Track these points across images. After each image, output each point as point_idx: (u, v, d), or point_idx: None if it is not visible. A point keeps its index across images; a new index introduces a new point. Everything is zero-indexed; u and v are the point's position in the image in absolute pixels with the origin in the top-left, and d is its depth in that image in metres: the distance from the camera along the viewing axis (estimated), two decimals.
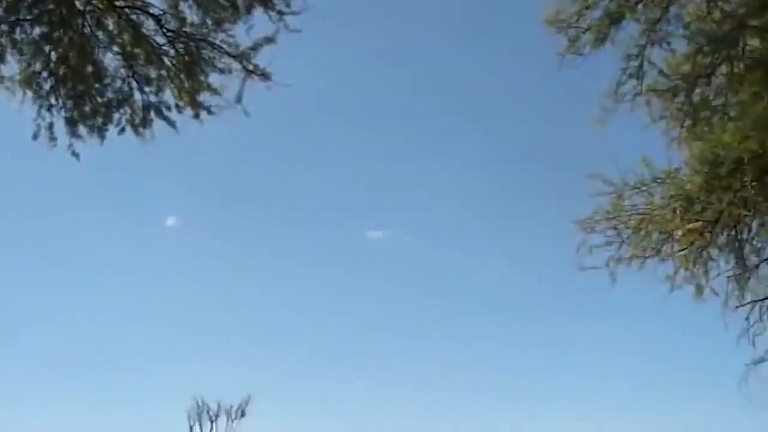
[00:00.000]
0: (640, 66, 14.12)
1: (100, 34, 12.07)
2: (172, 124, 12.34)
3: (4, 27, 11.85)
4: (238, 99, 12.25)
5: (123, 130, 12.24)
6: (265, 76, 12.20)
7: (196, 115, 12.32)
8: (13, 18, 11.76)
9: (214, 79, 12.29)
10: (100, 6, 11.81)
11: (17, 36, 11.94)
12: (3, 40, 11.91)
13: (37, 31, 11.96)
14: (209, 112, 12.34)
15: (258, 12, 11.73)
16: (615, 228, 15.60)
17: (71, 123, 12.20)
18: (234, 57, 12.12)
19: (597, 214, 15.54)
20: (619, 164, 15.37)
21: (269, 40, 11.92)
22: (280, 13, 11.43)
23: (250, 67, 12.13)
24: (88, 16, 11.90)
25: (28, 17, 11.81)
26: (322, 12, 12.09)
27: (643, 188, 15.41)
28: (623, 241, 15.66)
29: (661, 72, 14.27)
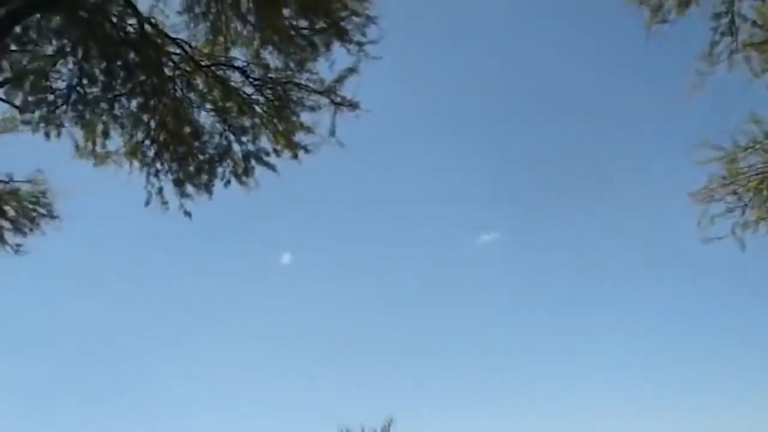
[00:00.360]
0: (731, 22, 13.85)
1: (191, 95, 12.87)
2: (272, 168, 12.95)
3: (104, 105, 12.80)
4: (332, 132, 12.75)
5: (228, 182, 12.96)
6: (353, 105, 12.66)
7: (295, 156, 12.90)
8: (110, 95, 12.70)
9: (305, 117, 12.89)
10: (188, 69, 12.56)
11: (117, 111, 12.89)
12: (105, 117, 12.89)
13: (134, 103, 12.86)
14: (306, 150, 12.90)
15: (337, 46, 12.21)
16: (734, 193, 15.33)
17: (179, 184, 13.00)
18: (321, 93, 12.64)
19: (712, 182, 15.31)
20: (722, 130, 15.09)
21: (352, 70, 12.37)
22: (359, 44, 11.85)
23: (338, 100, 12.62)
24: (178, 81, 12.69)
25: (123, 92, 12.73)
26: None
27: (757, 146, 15.09)
28: (746, 205, 15.37)
29: (754, 24, 13.97)
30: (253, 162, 12.96)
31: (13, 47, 11.90)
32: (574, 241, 34.07)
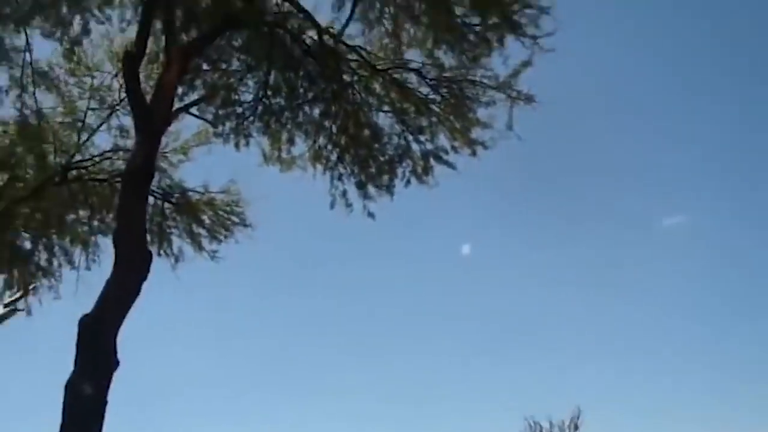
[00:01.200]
0: None
1: (370, 98, 13.92)
2: (451, 166, 13.74)
3: (288, 114, 14.11)
4: (509, 126, 13.38)
5: (408, 182, 13.89)
6: (529, 99, 13.23)
7: (473, 153, 13.67)
8: (294, 104, 14.01)
9: (481, 113, 13.57)
10: (365, 74, 13.60)
11: (300, 119, 14.18)
12: (289, 125, 14.22)
13: (316, 110, 14.10)
14: (484, 146, 13.62)
15: (511, 40, 12.81)
16: None
17: (361, 186, 14.08)
18: (496, 88, 13.32)
19: None
20: None
21: (527, 63, 12.91)
22: (533, 37, 12.40)
23: (514, 94, 13.23)
24: (356, 86, 13.76)
25: (305, 100, 14.00)
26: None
27: None
28: None
29: None
30: (432, 161, 13.81)
31: (205, 66, 13.41)
32: None
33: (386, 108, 13.87)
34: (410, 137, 13.85)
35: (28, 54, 12.06)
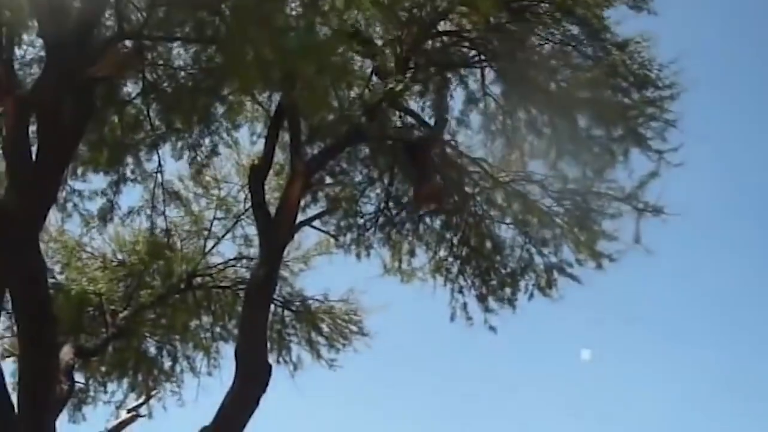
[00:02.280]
0: None
1: (491, 210, 14.09)
2: (576, 279, 13.63)
3: (409, 225, 14.41)
4: (637, 239, 13.19)
5: (532, 296, 13.83)
6: (657, 210, 13.05)
7: (599, 266, 13.51)
8: (415, 216, 14.29)
9: (607, 225, 13.48)
10: (487, 185, 13.80)
11: (421, 230, 14.43)
12: (410, 237, 14.47)
13: (437, 222, 14.34)
14: (610, 259, 13.46)
15: (635, 152, 12.76)
16: None
17: (482, 299, 14.11)
18: (622, 200, 13.23)
19: None
20: None
21: (653, 175, 12.78)
22: (659, 152, 12.35)
23: (640, 206, 13.08)
24: (478, 197, 13.97)
25: (427, 212, 14.26)
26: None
27: None
28: None
29: None
30: (556, 274, 13.75)
31: (328, 179, 13.89)
32: None
33: (508, 220, 13.96)
34: (533, 249, 13.84)
35: (159, 174, 12.74)
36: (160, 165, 12.71)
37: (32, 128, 9.47)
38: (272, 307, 14.36)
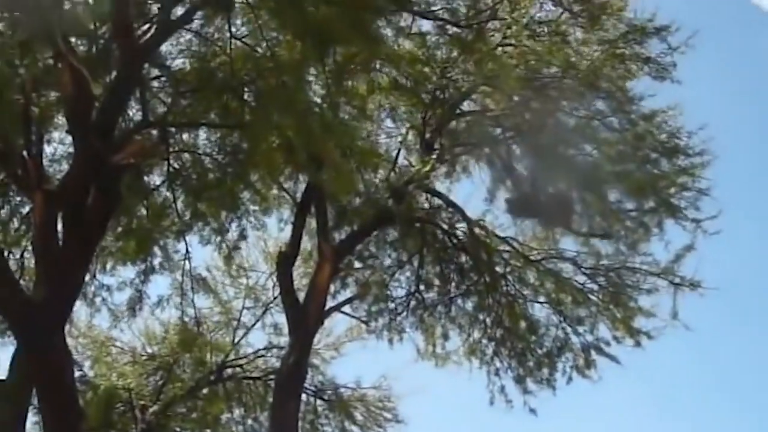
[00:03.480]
0: None
1: (524, 290, 13.79)
2: (614, 359, 13.22)
3: (441, 308, 14.13)
4: (674, 315, 12.82)
5: (570, 379, 13.38)
6: (693, 285, 12.71)
7: (637, 344, 13.11)
8: (446, 298, 14.04)
9: (643, 301, 13.14)
10: (518, 264, 13.56)
11: (453, 313, 14.14)
12: (443, 319, 14.18)
13: (469, 303, 14.05)
14: (649, 336, 13.06)
15: (670, 224, 12.51)
16: None
17: (519, 381, 13.68)
18: (658, 275, 12.91)
19: None
20: None
21: (689, 248, 12.51)
22: (695, 221, 12.09)
23: (677, 280, 12.76)
24: (509, 277, 13.69)
25: (458, 293, 14.02)
26: None
27: None
28: None
29: None
30: (593, 353, 13.35)
31: (357, 264, 13.73)
32: None
33: (542, 299, 13.66)
34: (569, 328, 13.51)
35: (187, 261, 12.66)
36: (187, 252, 12.61)
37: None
38: (304, 396, 14.04)
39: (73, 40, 8.98)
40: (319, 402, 15.82)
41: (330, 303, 12.75)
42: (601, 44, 11.74)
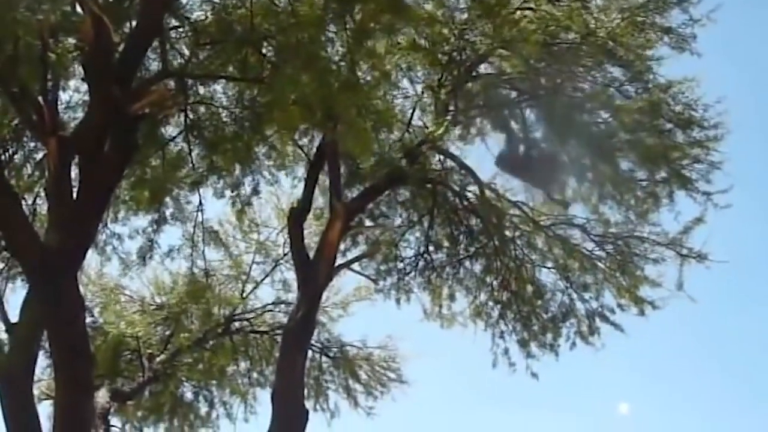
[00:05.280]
0: None
1: (532, 254, 13.75)
2: (618, 327, 13.18)
3: (449, 269, 14.10)
4: (679, 286, 12.76)
5: (574, 344, 13.38)
6: (701, 257, 12.63)
7: (641, 312, 13.08)
8: (455, 260, 14.00)
9: (650, 271, 13.09)
10: (528, 229, 13.49)
11: (461, 275, 14.11)
12: (450, 281, 14.16)
13: (477, 266, 14.02)
14: (653, 306, 13.02)
15: (681, 195, 12.40)
16: None
17: (523, 344, 13.68)
18: (665, 245, 12.84)
19: None
20: None
21: (699, 220, 12.42)
22: (706, 193, 11.98)
23: (684, 252, 12.69)
24: (518, 241, 13.64)
25: (466, 255, 13.97)
26: None
27: None
28: None
29: None
30: (597, 321, 13.33)
31: (368, 222, 13.67)
32: None
33: (549, 264, 13.64)
34: (574, 295, 13.51)
35: (200, 213, 12.64)
36: (200, 204, 12.58)
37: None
38: (310, 352, 14.09)
39: None
40: (324, 359, 15.92)
41: (339, 261, 12.71)
42: (621, 12, 11.52)
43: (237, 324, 15.72)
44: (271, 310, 15.87)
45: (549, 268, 13.72)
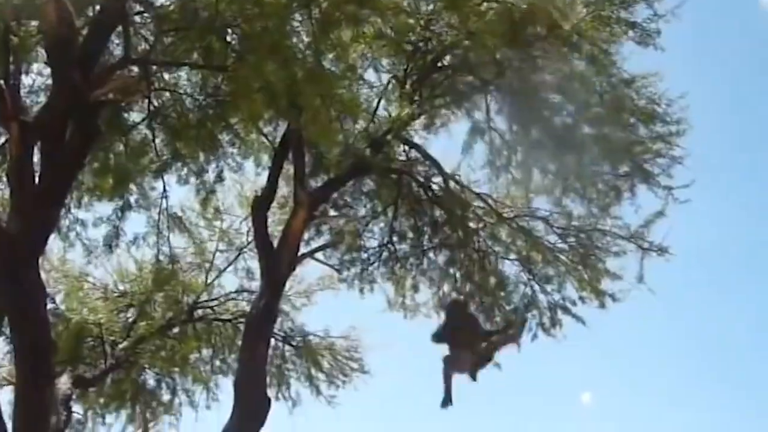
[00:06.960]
0: None
1: (496, 246, 13.90)
2: (579, 319, 13.37)
3: (413, 260, 14.21)
4: (640, 279, 12.96)
5: (535, 336, 13.55)
6: (662, 250, 12.83)
7: (602, 305, 13.28)
8: (418, 251, 14.11)
9: (611, 264, 13.28)
10: (491, 221, 13.62)
11: (424, 266, 14.23)
12: (414, 272, 14.27)
13: (440, 257, 14.15)
14: (613, 298, 13.23)
15: (642, 189, 12.60)
16: None
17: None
18: (627, 239, 13.03)
19: None
20: None
21: (660, 214, 12.60)
22: (667, 188, 12.18)
23: (645, 245, 12.88)
24: (482, 233, 13.78)
25: (430, 247, 14.10)
26: None
27: None
28: None
29: None
30: (559, 313, 13.51)
31: (332, 212, 13.74)
32: None
33: (512, 256, 13.78)
34: (537, 287, 13.64)
35: (164, 200, 12.66)
36: (165, 191, 12.58)
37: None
38: (272, 341, 14.13)
39: None
40: (287, 348, 15.93)
41: (303, 250, 12.78)
42: (586, 5, 11.65)
43: (200, 312, 15.71)
44: (234, 299, 15.87)
45: (512, 260, 13.87)
